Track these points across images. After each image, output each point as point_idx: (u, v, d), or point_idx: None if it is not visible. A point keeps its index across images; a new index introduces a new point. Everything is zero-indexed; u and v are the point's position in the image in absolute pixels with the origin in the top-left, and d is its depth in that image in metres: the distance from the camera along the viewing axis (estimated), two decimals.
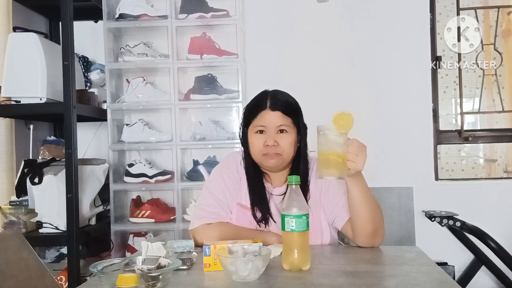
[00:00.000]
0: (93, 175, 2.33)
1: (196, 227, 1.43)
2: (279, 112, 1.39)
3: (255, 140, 1.41)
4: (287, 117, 1.40)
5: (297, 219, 1.12)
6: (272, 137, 1.38)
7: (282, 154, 1.39)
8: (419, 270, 1.13)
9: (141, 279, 0.97)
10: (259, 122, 1.40)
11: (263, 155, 1.40)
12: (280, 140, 1.39)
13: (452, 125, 2.86)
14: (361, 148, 1.21)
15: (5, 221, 2.21)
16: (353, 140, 1.22)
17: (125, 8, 2.57)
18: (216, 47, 2.60)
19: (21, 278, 1.31)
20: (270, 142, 1.37)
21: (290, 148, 1.40)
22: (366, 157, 1.21)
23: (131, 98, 2.60)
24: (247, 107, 1.46)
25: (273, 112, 1.39)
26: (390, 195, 2.29)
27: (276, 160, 1.40)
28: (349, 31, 2.77)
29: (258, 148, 1.40)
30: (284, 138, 1.39)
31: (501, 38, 2.85)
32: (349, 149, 1.20)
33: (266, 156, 1.39)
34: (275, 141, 1.38)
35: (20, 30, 2.21)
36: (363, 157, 1.21)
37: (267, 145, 1.38)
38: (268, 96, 1.42)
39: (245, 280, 1.05)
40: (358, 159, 1.20)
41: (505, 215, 2.66)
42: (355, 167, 1.21)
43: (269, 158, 1.39)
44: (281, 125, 1.39)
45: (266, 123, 1.39)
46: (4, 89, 2.14)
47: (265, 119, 1.39)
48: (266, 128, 1.39)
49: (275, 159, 1.39)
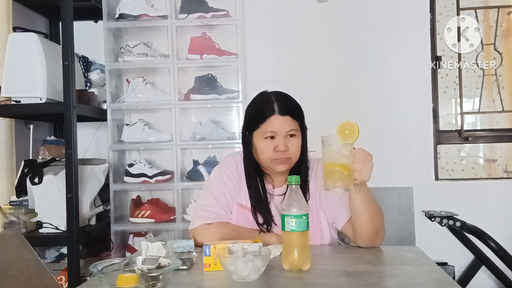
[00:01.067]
0: (93, 175, 2.33)
1: (196, 227, 1.43)
2: (288, 116, 1.37)
3: (264, 146, 1.38)
4: (295, 121, 1.38)
5: (297, 219, 1.11)
6: (283, 142, 1.36)
7: (292, 158, 1.39)
8: (419, 270, 1.13)
9: (141, 279, 0.97)
10: (268, 128, 1.37)
11: (273, 160, 1.38)
12: (290, 144, 1.37)
13: (452, 125, 2.86)
14: (368, 157, 1.18)
15: (5, 221, 2.21)
16: (358, 149, 1.19)
17: (125, 8, 2.57)
18: (216, 47, 2.60)
19: (21, 278, 1.31)
20: (282, 148, 1.36)
21: (298, 151, 1.40)
22: (373, 167, 1.19)
23: (131, 98, 2.60)
24: (252, 111, 1.43)
25: (283, 117, 1.36)
26: (390, 195, 2.28)
27: (286, 165, 1.39)
28: (349, 31, 2.77)
29: (268, 154, 1.38)
30: (293, 142, 1.38)
31: (501, 38, 2.85)
32: (355, 159, 1.17)
33: (276, 161, 1.38)
34: (285, 145, 1.37)
35: (20, 30, 2.21)
36: (369, 167, 1.18)
37: (278, 151, 1.36)
38: (273, 100, 1.39)
39: (245, 280, 1.05)
40: (365, 169, 1.17)
41: (505, 215, 2.66)
42: (361, 178, 1.18)
43: (279, 163, 1.38)
44: (291, 130, 1.37)
45: (276, 129, 1.36)
46: (4, 89, 2.14)
47: (275, 124, 1.36)
48: (276, 134, 1.37)
49: (286, 164, 1.39)
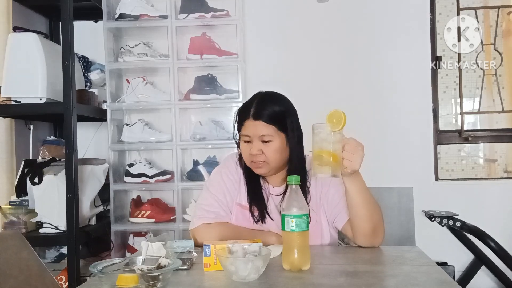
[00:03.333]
0: (93, 175, 2.33)
1: (196, 227, 1.43)
2: (261, 121, 1.36)
3: (243, 148, 1.42)
4: (270, 125, 1.37)
5: (297, 219, 1.12)
6: (256, 146, 1.37)
7: (268, 162, 1.39)
8: (419, 270, 1.13)
9: (141, 279, 0.97)
10: (244, 131, 1.39)
11: (251, 163, 1.40)
12: (265, 149, 1.37)
13: (452, 125, 2.86)
14: (358, 147, 1.21)
15: (5, 221, 2.21)
16: (350, 139, 1.21)
17: (125, 8, 2.57)
18: (216, 47, 2.60)
19: (21, 278, 1.31)
20: (254, 151, 1.37)
21: (276, 155, 1.38)
22: (363, 156, 1.21)
23: (131, 98, 2.60)
24: (238, 112, 1.45)
25: (255, 121, 1.37)
26: (390, 195, 2.29)
27: (263, 169, 1.40)
28: (349, 31, 2.77)
29: (246, 156, 1.41)
30: (268, 147, 1.38)
31: (501, 38, 2.85)
32: (346, 148, 1.20)
33: (254, 164, 1.40)
34: (259, 149, 1.37)
35: (20, 30, 2.21)
36: (359, 156, 1.20)
37: (251, 154, 1.38)
38: (253, 104, 1.39)
39: (245, 280, 1.05)
40: (355, 158, 1.20)
41: (505, 215, 2.66)
42: (351, 166, 1.20)
43: (256, 167, 1.40)
44: (263, 135, 1.37)
45: (249, 133, 1.38)
46: (4, 89, 2.14)
47: (249, 129, 1.38)
48: (250, 138, 1.39)
49: (263, 168, 1.40)
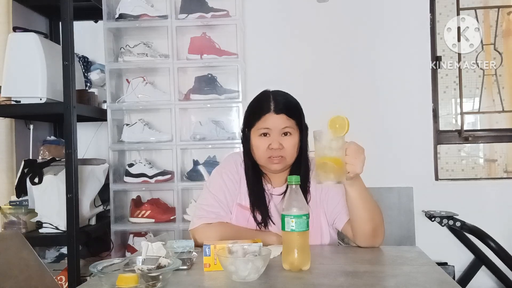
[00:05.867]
0: (93, 175, 2.33)
1: (196, 227, 1.43)
2: (283, 114, 1.38)
3: (259, 143, 1.40)
4: (291, 119, 1.39)
5: (297, 219, 1.11)
6: (276, 139, 1.37)
7: (286, 157, 1.39)
8: (419, 270, 1.12)
9: (141, 279, 0.97)
10: (263, 124, 1.38)
11: (268, 158, 1.39)
12: (285, 143, 1.38)
13: (452, 125, 2.87)
14: (359, 151, 1.20)
15: (5, 221, 2.21)
16: (350, 143, 1.21)
17: (125, 8, 2.58)
18: (216, 47, 2.60)
19: (21, 278, 1.31)
20: (275, 145, 1.37)
21: (293, 150, 1.40)
22: (365, 160, 1.21)
23: (131, 98, 2.60)
24: (249, 109, 1.45)
25: (277, 115, 1.37)
26: (390, 195, 2.29)
27: (280, 165, 1.40)
28: (349, 31, 2.77)
29: (262, 151, 1.39)
30: (288, 141, 1.38)
31: (501, 38, 2.85)
32: (347, 152, 1.19)
33: (271, 159, 1.39)
34: (279, 143, 1.37)
35: (20, 30, 2.21)
36: (361, 160, 1.20)
37: (271, 148, 1.37)
38: (271, 98, 1.40)
39: (245, 280, 1.05)
40: (357, 162, 1.19)
41: (505, 215, 2.66)
42: (354, 170, 1.20)
43: (273, 162, 1.39)
44: (285, 127, 1.38)
45: (270, 126, 1.38)
46: (4, 89, 2.14)
47: (270, 122, 1.38)
48: (270, 131, 1.38)
49: (280, 164, 1.39)
